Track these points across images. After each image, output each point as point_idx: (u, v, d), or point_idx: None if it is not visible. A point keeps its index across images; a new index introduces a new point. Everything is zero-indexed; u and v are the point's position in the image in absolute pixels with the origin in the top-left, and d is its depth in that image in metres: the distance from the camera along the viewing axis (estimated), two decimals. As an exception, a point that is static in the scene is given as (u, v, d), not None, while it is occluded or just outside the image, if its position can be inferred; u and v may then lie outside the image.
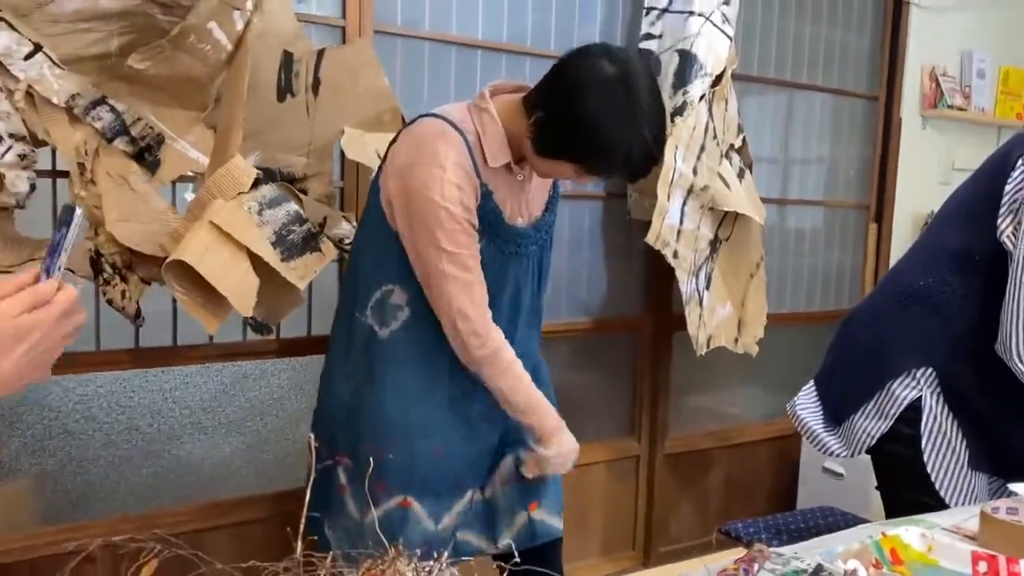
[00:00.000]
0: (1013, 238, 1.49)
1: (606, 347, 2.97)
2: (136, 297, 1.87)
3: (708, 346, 2.71)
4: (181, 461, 2.25)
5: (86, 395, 2.10)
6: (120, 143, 1.88)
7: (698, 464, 3.13)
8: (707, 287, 2.70)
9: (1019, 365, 1.46)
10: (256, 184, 1.76)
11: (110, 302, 1.86)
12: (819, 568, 1.07)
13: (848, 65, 3.36)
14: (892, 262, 3.36)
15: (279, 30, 2.00)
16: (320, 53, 2.06)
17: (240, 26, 1.88)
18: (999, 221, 1.51)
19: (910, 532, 1.20)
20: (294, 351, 2.30)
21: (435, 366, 1.64)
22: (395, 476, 1.59)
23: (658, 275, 2.90)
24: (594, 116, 1.44)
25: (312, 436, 1.71)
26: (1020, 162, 1.51)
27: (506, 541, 1.75)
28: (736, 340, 2.83)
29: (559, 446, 1.63)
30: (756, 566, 1.08)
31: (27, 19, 1.79)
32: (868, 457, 2.59)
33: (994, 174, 1.55)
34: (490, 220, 1.59)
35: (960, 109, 3.47)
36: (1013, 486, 1.36)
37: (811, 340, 3.13)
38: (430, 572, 0.71)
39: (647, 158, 1.50)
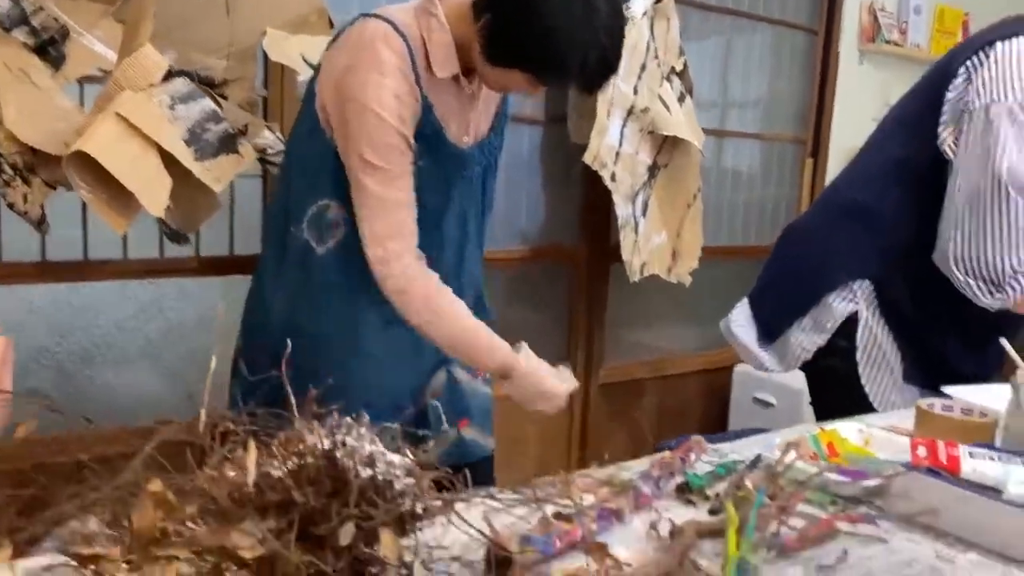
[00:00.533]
0: (954, 147, 1.47)
1: (542, 276, 2.93)
2: (39, 201, 1.74)
3: (642, 273, 2.69)
4: (95, 384, 2.14)
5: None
6: (19, 33, 1.73)
7: (632, 394, 3.14)
8: (643, 213, 2.67)
9: (956, 274, 1.45)
10: (168, 78, 1.63)
11: (11, 206, 1.72)
12: (758, 458, 1.05)
13: (788, -3, 3.33)
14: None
15: (195, -82, 1.86)
16: (241, -55, 1.92)
17: (151, -93, 1.73)
18: (940, 129, 1.49)
19: (848, 427, 1.19)
20: (216, 270, 2.19)
21: (371, 287, 1.55)
22: (332, 395, 1.51)
23: (595, 205, 2.86)
24: (549, 19, 1.33)
25: (241, 345, 1.64)
26: (962, 70, 1.49)
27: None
28: (670, 269, 2.82)
29: (512, 388, 1.52)
30: (693, 456, 1.05)
31: None
32: (797, 386, 2.61)
33: (935, 83, 1.54)
34: (430, 137, 1.48)
35: (897, 45, 3.49)
36: (946, 389, 1.36)
37: (745, 274, 3.12)
38: (345, 436, 0.65)
39: (605, 66, 1.41)
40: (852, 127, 3.48)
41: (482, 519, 0.74)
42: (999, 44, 1.44)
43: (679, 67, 2.67)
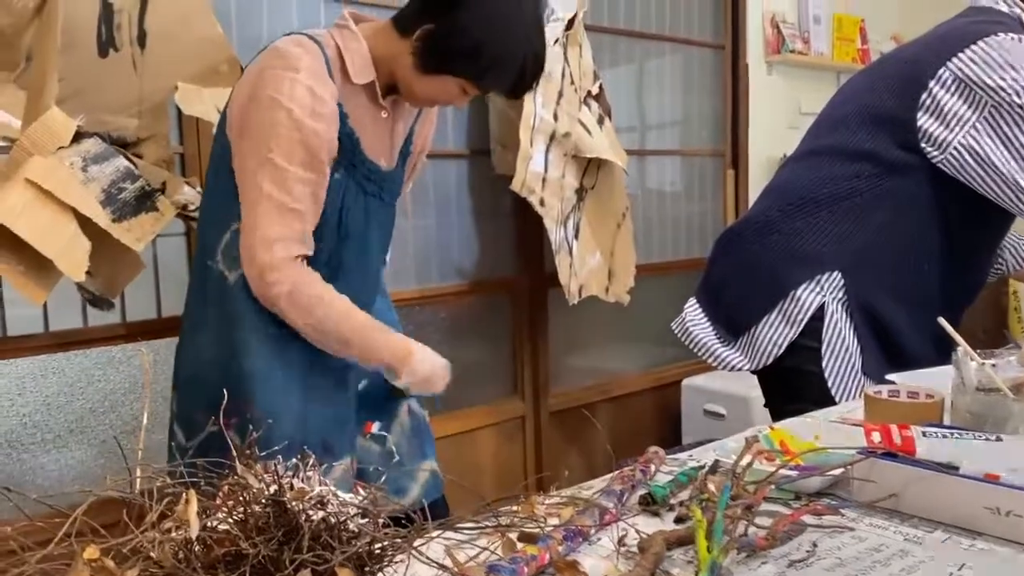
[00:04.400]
0: (965, 150, 1.47)
1: (483, 309, 2.91)
2: (-50, 280, 1.66)
3: (580, 295, 2.70)
4: (25, 467, 2.03)
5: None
6: (-86, 108, 1.67)
7: (582, 418, 3.12)
8: (576, 236, 2.68)
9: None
10: (78, 139, 1.58)
11: (-81, 287, 1.64)
12: (716, 464, 1.04)
13: (694, 16, 3.42)
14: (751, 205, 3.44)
15: (93, -22, 1.82)
16: (144, 2, 1.88)
17: (46, -30, 1.69)
18: (921, 124, 1.49)
19: (797, 424, 1.19)
20: (145, 334, 2.11)
21: None
22: (263, 435, 1.44)
23: (529, 233, 2.87)
24: (484, 24, 1.37)
25: (175, 408, 1.55)
26: (933, 84, 1.48)
27: (415, 494, 1.66)
28: (607, 289, 2.83)
29: (411, 375, 1.46)
30: (653, 467, 1.03)
31: None
32: (745, 394, 2.60)
33: (908, 81, 1.52)
34: (345, 145, 1.43)
35: (801, 54, 3.60)
36: (890, 376, 1.37)
37: (679, 289, 3.17)
38: (293, 474, 0.62)
39: (537, 65, 1.45)
40: (767, 135, 3.58)
41: (445, 554, 0.70)
42: (981, 41, 1.44)
43: (595, 91, 2.71)
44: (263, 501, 0.58)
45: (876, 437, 0.98)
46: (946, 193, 1.51)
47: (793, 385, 1.65)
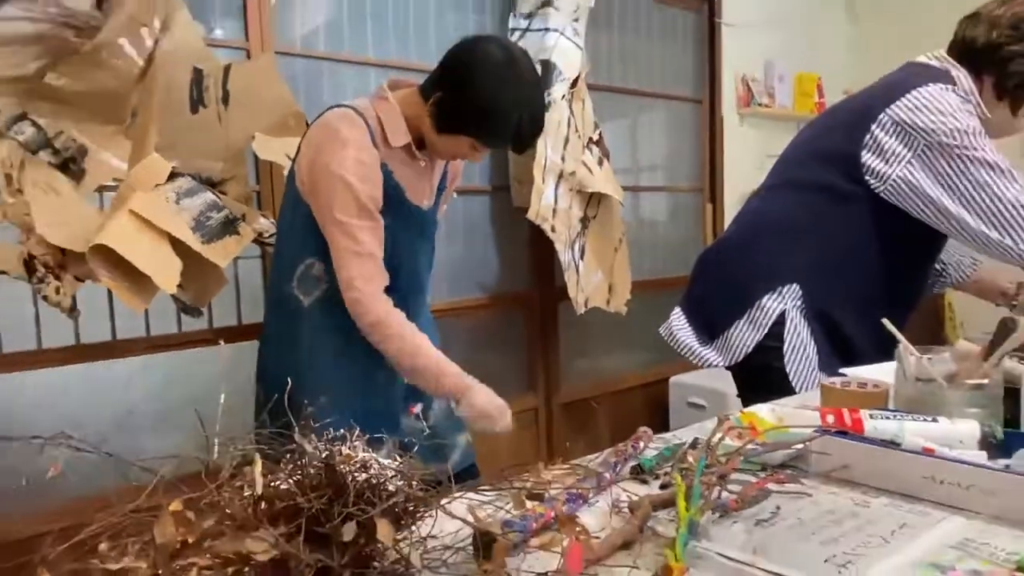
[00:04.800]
0: (903, 183, 1.45)
1: (503, 318, 2.91)
2: (70, 293, 1.68)
3: (585, 306, 2.68)
4: (128, 450, 2.04)
5: (28, 392, 1.89)
6: (44, 155, 1.70)
7: (587, 410, 3.11)
8: (581, 257, 2.67)
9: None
10: (172, 178, 1.60)
11: (45, 298, 1.66)
12: (695, 440, 1.03)
13: (677, 75, 3.41)
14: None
15: (188, 50, 1.85)
16: (227, 68, 1.91)
17: (149, 43, 1.73)
18: (865, 160, 1.45)
19: (763, 409, 1.17)
20: (228, 338, 2.13)
21: (349, 332, 1.50)
22: (323, 414, 1.46)
23: (541, 255, 2.86)
24: (488, 92, 1.37)
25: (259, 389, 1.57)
26: (875, 127, 1.45)
27: (456, 458, 1.66)
28: (608, 302, 2.81)
29: (468, 408, 1.45)
30: (642, 444, 1.02)
31: (-57, 45, 1.59)
32: (722, 389, 2.56)
33: (854, 125, 1.49)
34: (392, 197, 1.47)
35: (767, 107, 3.58)
36: (842, 370, 1.35)
37: (667, 301, 3.13)
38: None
39: (533, 128, 1.45)
40: (739, 175, 3.56)
41: (467, 511, 0.70)
42: (915, 91, 1.43)
43: (596, 137, 2.71)
44: (316, 464, 0.58)
45: (830, 419, 0.97)
46: (886, 217, 1.49)
47: (760, 378, 1.62)
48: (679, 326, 1.69)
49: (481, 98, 1.37)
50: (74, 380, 1.95)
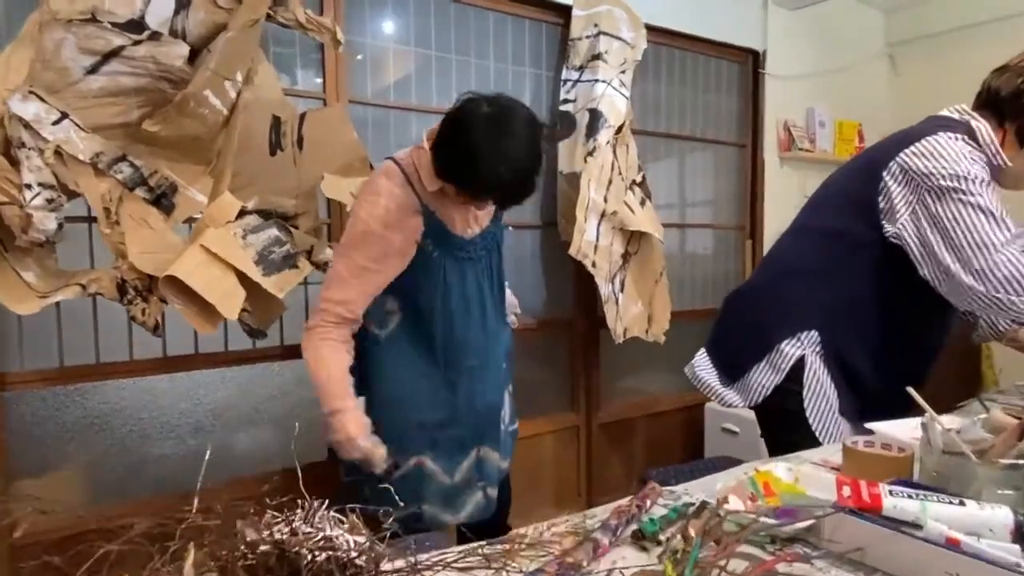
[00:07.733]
0: (906, 228, 1.29)
1: (548, 342, 2.80)
2: (155, 314, 1.67)
3: (624, 336, 2.55)
4: (204, 447, 2.03)
5: (122, 397, 1.90)
6: (140, 191, 1.71)
7: (625, 430, 2.95)
8: (621, 290, 2.54)
9: (1015, 302, 1.19)
10: (242, 215, 1.57)
11: (132, 318, 1.67)
12: (704, 503, 0.89)
13: (722, 121, 3.24)
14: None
15: (268, 99, 1.84)
16: (302, 115, 1.89)
17: (232, 94, 1.71)
18: (881, 205, 1.32)
19: (779, 467, 1.02)
20: (295, 355, 2.09)
21: (423, 351, 1.50)
22: (399, 442, 1.43)
23: (585, 286, 2.74)
24: (470, 146, 1.27)
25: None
26: (885, 174, 1.31)
27: (468, 511, 1.56)
28: (647, 331, 2.66)
29: (335, 429, 1.34)
30: (648, 501, 0.90)
31: (59, 95, 1.62)
32: (754, 418, 2.39)
33: (869, 173, 1.36)
34: (438, 233, 1.44)
35: (808, 151, 3.36)
36: (868, 425, 1.19)
37: (706, 330, 2.96)
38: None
39: (513, 188, 1.31)
40: (779, 215, 3.35)
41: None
42: (924, 139, 1.30)
43: (638, 179, 2.58)
44: (266, 549, 0.49)
45: (846, 492, 0.82)
46: (904, 265, 1.32)
47: (780, 420, 1.47)
48: (702, 366, 1.56)
49: (461, 153, 1.29)
50: (160, 387, 1.96)
